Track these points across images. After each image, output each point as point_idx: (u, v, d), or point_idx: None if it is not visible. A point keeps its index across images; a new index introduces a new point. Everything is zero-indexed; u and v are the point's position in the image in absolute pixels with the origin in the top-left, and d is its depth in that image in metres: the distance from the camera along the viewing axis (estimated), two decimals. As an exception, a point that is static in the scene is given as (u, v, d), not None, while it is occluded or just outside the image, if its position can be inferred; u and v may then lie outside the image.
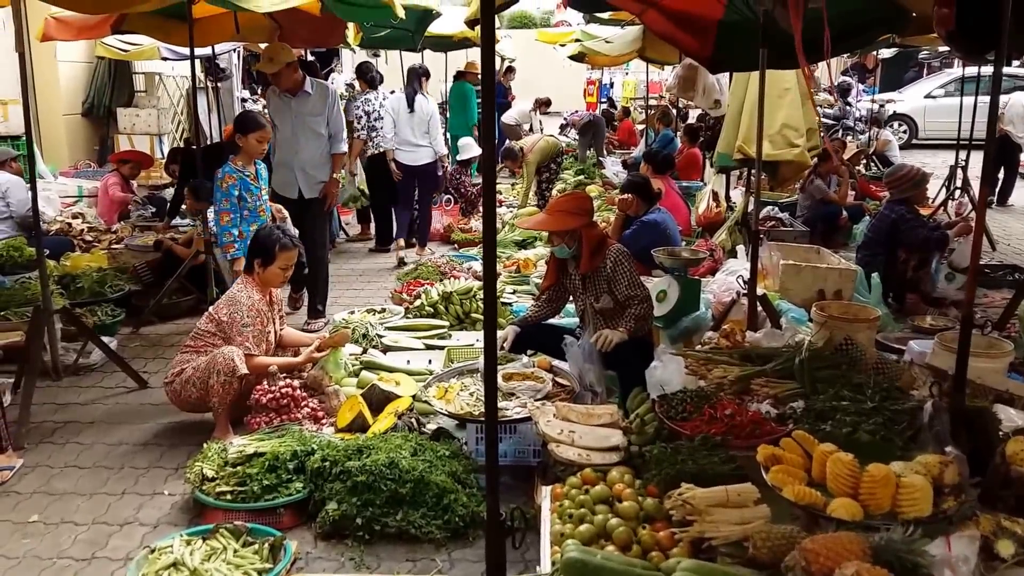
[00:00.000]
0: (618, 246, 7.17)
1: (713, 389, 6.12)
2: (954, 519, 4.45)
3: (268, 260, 7.23)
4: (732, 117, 11.71)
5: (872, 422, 5.30)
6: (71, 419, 7.41)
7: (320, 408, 6.98)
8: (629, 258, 7.11)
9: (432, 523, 5.54)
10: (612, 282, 7.03)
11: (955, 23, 5.76)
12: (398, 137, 13.56)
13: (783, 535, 4.18)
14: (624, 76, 37.93)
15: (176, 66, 18.08)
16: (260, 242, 7.32)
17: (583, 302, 7.35)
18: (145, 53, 15.57)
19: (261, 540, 5.20)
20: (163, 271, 10.59)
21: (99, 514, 5.91)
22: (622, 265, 7.00)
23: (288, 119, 10.06)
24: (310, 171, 10.08)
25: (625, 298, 6.97)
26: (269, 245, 7.25)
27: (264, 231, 7.49)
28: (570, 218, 7.08)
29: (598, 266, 7.09)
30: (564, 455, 5.58)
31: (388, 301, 10.56)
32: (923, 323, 9.00)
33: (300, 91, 9.98)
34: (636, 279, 7.05)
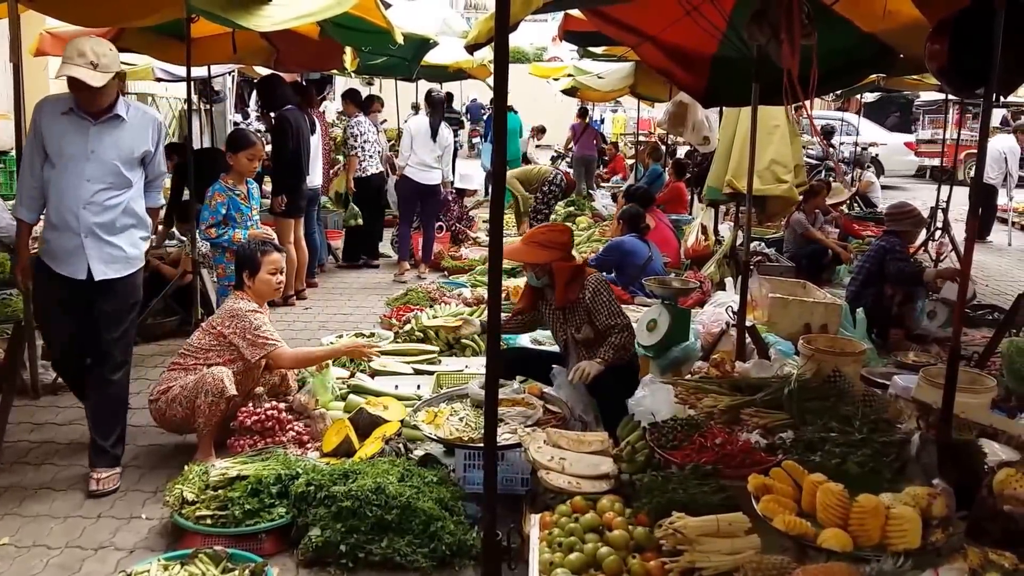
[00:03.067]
0: (596, 275, 7.12)
1: (703, 418, 6.09)
2: (943, 552, 4.42)
3: (254, 269, 7.17)
4: (722, 152, 11.79)
5: (861, 453, 5.30)
6: (47, 439, 7.30)
7: (306, 432, 6.90)
8: (607, 287, 7.08)
9: (419, 551, 5.44)
10: (592, 312, 7.00)
11: (947, 59, 5.78)
12: (415, 156, 13.96)
13: (774, 566, 4.14)
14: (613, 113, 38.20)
15: (169, 87, 18.05)
16: (241, 256, 7.32)
17: (564, 332, 7.32)
18: (139, 73, 15.52)
19: (241, 566, 5.10)
20: (148, 291, 10.44)
21: (73, 538, 5.79)
22: (601, 295, 6.98)
23: (80, 153, 6.32)
24: (106, 236, 6.42)
25: (605, 327, 6.92)
26: (251, 255, 7.23)
27: (241, 247, 7.55)
28: (542, 251, 7.12)
29: (575, 298, 7.07)
30: (554, 483, 5.51)
31: (377, 326, 10.49)
32: (906, 359, 9.04)
33: (108, 115, 6.40)
34: (615, 308, 7.00)
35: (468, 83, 27.24)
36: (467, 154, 35.26)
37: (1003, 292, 12.80)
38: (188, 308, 9.31)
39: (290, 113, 11.79)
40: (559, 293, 7.06)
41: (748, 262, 8.28)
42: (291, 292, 12.17)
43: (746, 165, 8.48)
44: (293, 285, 12.24)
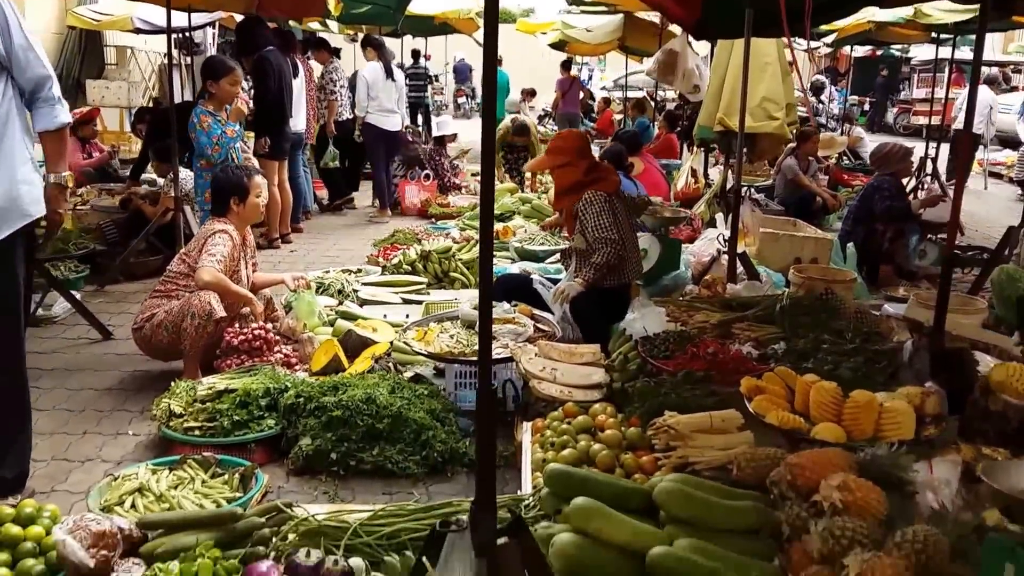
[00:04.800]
0: (593, 192, 7.00)
1: (695, 332, 6.05)
2: (936, 444, 4.41)
3: (244, 194, 7.08)
4: (713, 90, 11.71)
5: (853, 361, 5.27)
6: (32, 366, 6.99)
7: (294, 354, 6.85)
8: (602, 202, 6.94)
9: (410, 459, 5.44)
10: (582, 224, 6.94)
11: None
12: (376, 103, 14.02)
13: (767, 456, 4.12)
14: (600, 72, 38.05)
15: (148, 40, 17.90)
16: (229, 181, 7.17)
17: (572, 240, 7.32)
18: (117, 23, 15.43)
19: (231, 471, 5.07)
20: (130, 230, 10.40)
21: (60, 451, 5.77)
22: (590, 208, 6.89)
23: None
24: None
25: (593, 241, 6.85)
26: (238, 180, 7.13)
27: (224, 171, 7.43)
28: (552, 157, 7.20)
29: (569, 207, 7.05)
30: (546, 392, 5.50)
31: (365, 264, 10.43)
32: (896, 293, 9.01)
33: None
34: (604, 223, 6.86)
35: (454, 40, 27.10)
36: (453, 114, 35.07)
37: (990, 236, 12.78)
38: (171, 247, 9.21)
39: (270, 54, 11.62)
40: (556, 197, 7.22)
41: (739, 189, 8.24)
42: (276, 235, 12.11)
43: (737, 103, 8.46)
44: (278, 228, 12.18)
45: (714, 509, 3.78)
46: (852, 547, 3.23)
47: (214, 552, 3.93)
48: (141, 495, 4.75)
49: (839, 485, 3.53)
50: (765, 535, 3.76)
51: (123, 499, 4.70)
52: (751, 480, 4.07)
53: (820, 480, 3.64)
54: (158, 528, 4.23)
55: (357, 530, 4.15)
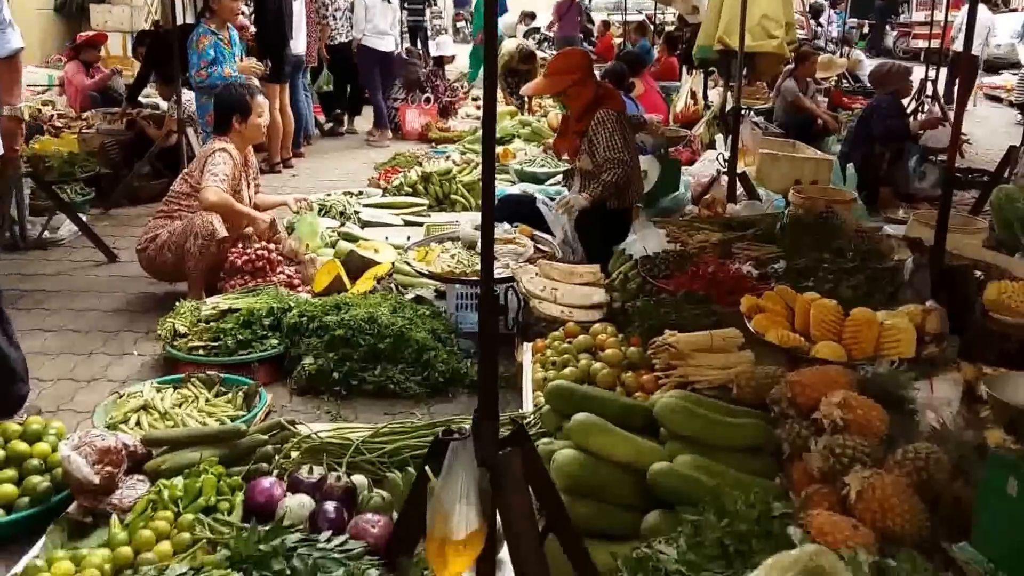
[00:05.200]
0: (606, 110, 6.93)
1: (695, 252, 6.05)
2: (937, 362, 4.43)
3: (246, 112, 7.02)
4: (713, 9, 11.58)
5: (854, 279, 5.27)
6: (37, 287, 7.29)
7: (296, 276, 6.84)
8: (615, 122, 6.86)
9: (411, 379, 5.47)
10: (592, 144, 6.88)
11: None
12: (371, 25, 13.96)
13: (767, 375, 4.13)
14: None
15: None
16: (232, 99, 7.09)
17: (575, 165, 7.28)
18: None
19: (234, 390, 5.12)
20: (134, 153, 10.38)
21: (66, 371, 5.82)
22: (604, 127, 6.81)
23: None
24: None
25: (603, 160, 6.81)
26: (241, 97, 7.06)
27: (227, 89, 7.32)
28: (558, 79, 7.03)
29: (588, 126, 6.94)
30: (546, 311, 5.52)
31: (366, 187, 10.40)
32: (895, 215, 9.02)
33: None
34: (616, 144, 6.79)
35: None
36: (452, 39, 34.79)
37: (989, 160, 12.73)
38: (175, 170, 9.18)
39: (270, -25, 11.49)
40: (574, 119, 7.05)
41: (739, 108, 8.20)
42: (277, 160, 12.07)
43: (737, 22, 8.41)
44: (279, 152, 12.13)
45: (715, 426, 3.81)
46: (853, 465, 3.24)
47: (218, 468, 3.98)
48: (146, 413, 4.80)
49: (840, 403, 3.54)
50: (766, 453, 3.79)
51: (128, 417, 4.75)
52: (751, 399, 4.09)
53: (821, 398, 3.65)
54: (162, 445, 4.27)
55: (359, 447, 4.18)
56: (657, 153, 8.10)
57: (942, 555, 2.91)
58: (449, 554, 2.70)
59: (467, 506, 2.72)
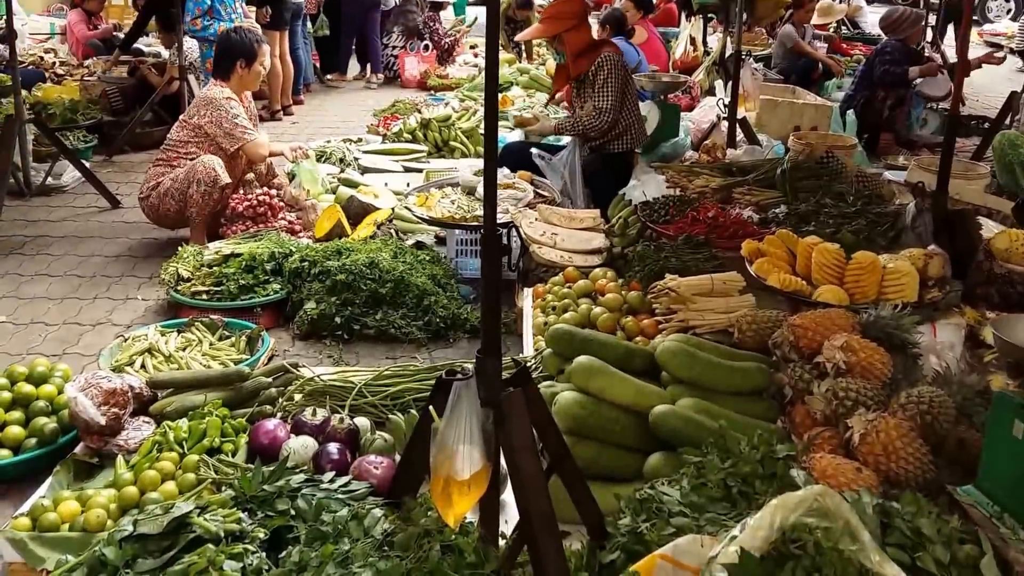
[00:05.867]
0: (610, 54, 6.92)
1: (695, 197, 6.05)
2: (940, 306, 4.43)
3: (251, 58, 7.04)
4: (713, -47, 11.55)
5: (855, 223, 5.27)
6: (41, 234, 7.31)
7: (298, 222, 6.85)
8: (616, 68, 6.84)
9: (412, 324, 5.50)
10: (592, 87, 6.87)
11: None
12: None
13: (769, 319, 4.13)
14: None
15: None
16: (239, 42, 7.09)
17: (574, 110, 7.26)
18: None
19: (238, 334, 5.14)
20: (136, 100, 10.37)
21: (70, 316, 5.86)
22: (602, 70, 6.80)
23: None
24: None
25: (594, 104, 6.80)
26: (248, 44, 7.07)
27: (236, 32, 7.28)
28: (553, 24, 7.00)
29: (587, 71, 6.92)
30: (546, 256, 5.52)
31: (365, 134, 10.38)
32: (895, 162, 8.99)
33: None
34: (610, 91, 6.80)
35: None
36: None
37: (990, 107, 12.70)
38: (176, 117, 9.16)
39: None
40: (569, 63, 6.98)
41: (740, 52, 8.18)
42: (278, 107, 12.02)
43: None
44: (279, 100, 12.08)
45: (717, 370, 3.82)
46: (856, 408, 3.27)
47: (222, 411, 4.01)
48: (150, 356, 4.84)
49: (842, 346, 3.55)
50: (767, 397, 3.81)
51: (133, 360, 4.79)
52: (752, 343, 4.10)
53: (823, 341, 3.67)
54: (167, 387, 4.30)
55: (362, 390, 4.22)
56: (656, 98, 8.06)
57: (947, 497, 2.93)
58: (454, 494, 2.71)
59: (471, 446, 2.73)
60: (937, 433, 3.17)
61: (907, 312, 3.90)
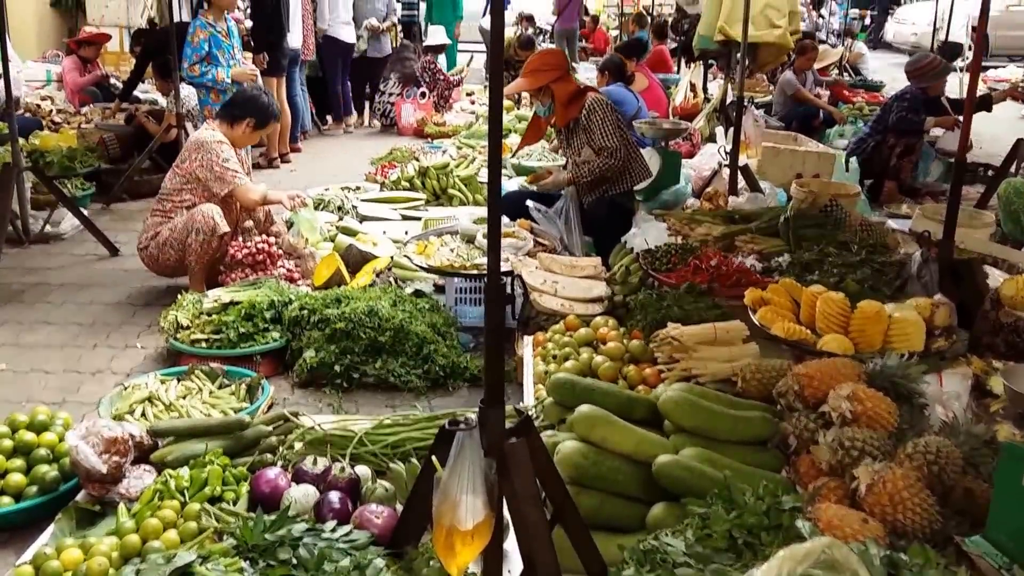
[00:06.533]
0: (596, 95, 7.01)
1: (697, 244, 6.04)
2: (946, 356, 4.41)
3: (264, 124, 7.11)
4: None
5: (860, 272, 5.25)
6: (40, 281, 7.29)
7: (296, 270, 6.84)
8: (607, 108, 6.91)
9: (412, 372, 5.47)
10: (588, 132, 6.89)
11: None
12: (335, 15, 14.01)
13: (773, 368, 4.11)
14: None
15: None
16: (260, 105, 7.08)
17: (568, 159, 7.28)
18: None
19: (237, 382, 5.12)
20: (133, 146, 10.41)
21: (70, 364, 5.82)
22: (596, 113, 6.85)
23: None
24: None
25: (599, 149, 6.83)
26: (267, 112, 7.10)
27: (265, 95, 7.27)
28: (539, 75, 7.00)
29: (576, 117, 6.95)
30: (547, 305, 5.51)
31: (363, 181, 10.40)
32: (898, 210, 8.98)
33: None
34: (609, 129, 6.84)
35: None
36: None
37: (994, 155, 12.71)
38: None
39: (266, -36, 11.40)
40: (559, 113, 7.00)
41: (742, 98, 8.20)
42: (275, 155, 12.04)
43: (738, 11, 8.41)
44: (277, 148, 12.11)
45: (720, 419, 3.79)
46: (862, 458, 3.24)
47: (223, 459, 3.99)
48: (151, 404, 4.81)
49: (848, 395, 3.53)
50: (772, 446, 3.79)
51: (133, 408, 4.76)
52: (756, 393, 4.08)
53: (828, 391, 3.65)
54: (168, 436, 4.27)
55: (363, 439, 4.20)
56: (657, 145, 8.08)
57: (954, 549, 2.90)
58: (457, 544, 2.70)
59: (474, 496, 2.72)
60: (944, 483, 3.15)
61: (913, 362, 3.87)
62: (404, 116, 14.76)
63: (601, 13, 29.66)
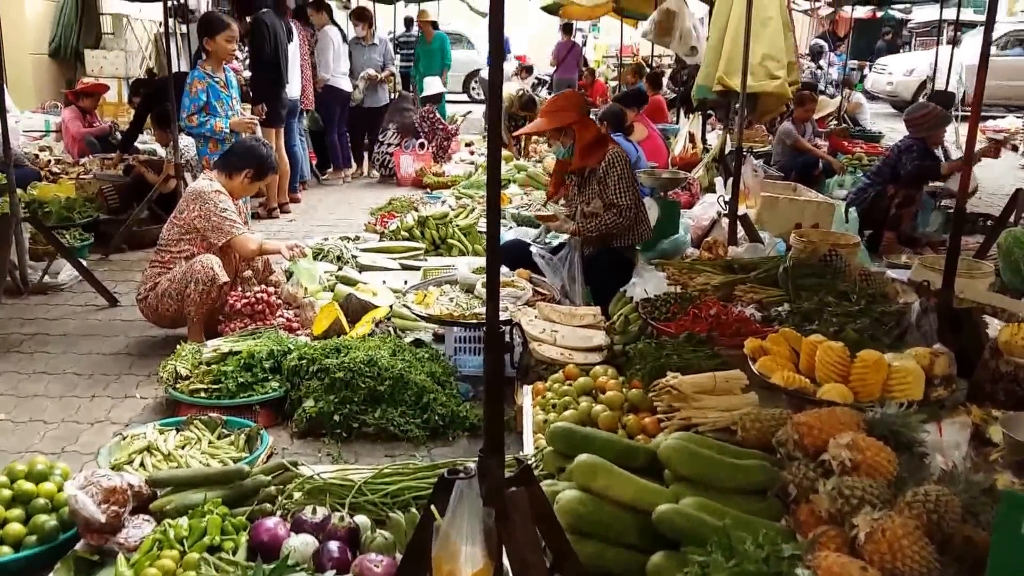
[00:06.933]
0: (619, 149, 7.01)
1: (696, 293, 6.06)
2: (946, 404, 4.42)
3: (263, 175, 7.17)
4: (712, 48, 11.59)
5: (859, 322, 5.26)
6: (39, 332, 7.29)
7: (295, 319, 6.84)
8: (625, 163, 6.94)
9: (411, 422, 5.45)
10: (603, 184, 6.91)
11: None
12: (337, 66, 14.23)
13: (772, 417, 4.12)
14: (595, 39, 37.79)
15: (144, 8, 17.80)
16: (260, 156, 7.14)
17: (575, 205, 7.29)
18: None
19: (237, 432, 5.11)
20: (132, 197, 10.44)
21: (69, 414, 5.81)
22: (615, 168, 6.86)
23: None
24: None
25: (609, 203, 6.85)
26: (267, 164, 7.17)
27: (264, 147, 7.31)
28: (559, 115, 7.02)
29: (593, 166, 6.97)
30: (546, 354, 5.51)
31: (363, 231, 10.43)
32: (898, 260, 8.99)
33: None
34: (625, 185, 6.87)
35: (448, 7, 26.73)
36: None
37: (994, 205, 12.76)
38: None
39: (266, 16, 11.48)
40: (577, 156, 7.00)
41: (741, 148, 8.23)
42: (274, 205, 12.07)
43: (737, 61, 8.44)
44: (276, 198, 12.15)
45: (720, 467, 3.79)
46: (862, 507, 3.23)
47: (222, 509, 3.98)
48: (149, 454, 4.79)
49: (848, 444, 3.53)
50: (772, 495, 3.78)
51: (132, 458, 4.74)
52: (755, 442, 4.08)
53: (828, 439, 3.65)
54: (167, 485, 4.26)
55: (362, 488, 4.19)
56: (656, 195, 8.12)
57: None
58: (457, 593, 2.70)
59: (473, 545, 2.72)
60: (944, 532, 3.14)
61: (913, 411, 3.88)
62: (403, 166, 14.82)
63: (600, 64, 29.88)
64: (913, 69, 27.17)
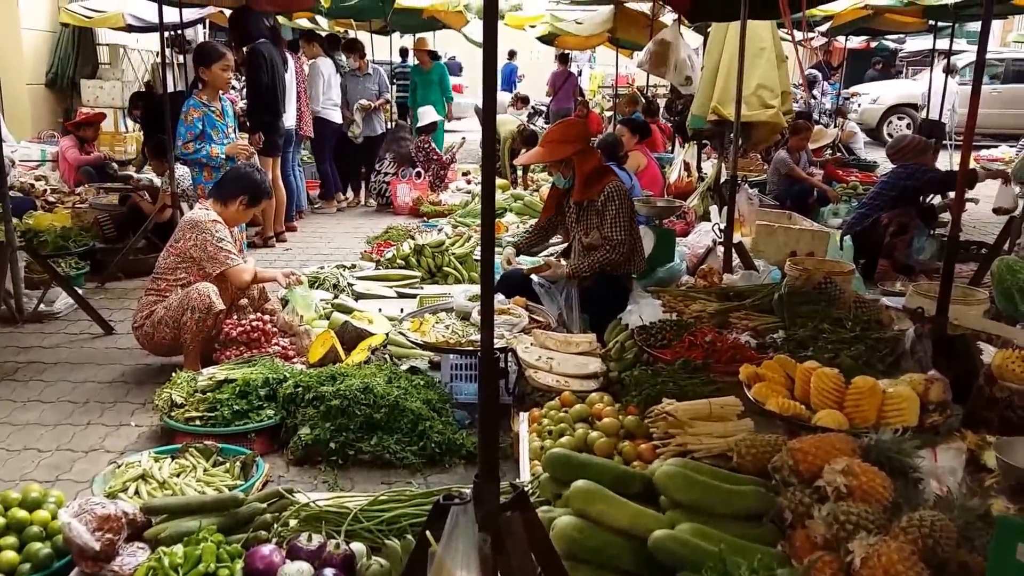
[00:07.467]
0: (618, 183, 7.02)
1: (692, 321, 6.07)
2: (941, 430, 4.42)
3: (256, 201, 7.18)
4: (707, 78, 11.65)
5: (854, 349, 5.27)
6: (34, 360, 7.29)
7: (291, 347, 6.83)
8: (625, 197, 6.95)
9: (407, 449, 5.44)
10: (601, 217, 6.92)
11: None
12: (326, 97, 14.34)
13: (768, 443, 4.12)
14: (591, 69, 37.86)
15: (141, 39, 17.88)
16: (254, 182, 7.17)
17: (574, 234, 7.29)
18: (109, 20, 15.49)
19: (232, 459, 5.10)
20: (128, 226, 10.46)
21: (63, 442, 5.80)
22: (612, 202, 6.87)
23: None
24: None
25: (605, 238, 6.86)
26: (261, 190, 7.19)
27: (258, 173, 7.36)
28: (562, 147, 7.00)
29: (593, 197, 6.97)
30: (542, 381, 5.52)
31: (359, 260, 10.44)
32: (892, 288, 9.00)
33: None
34: (623, 222, 6.88)
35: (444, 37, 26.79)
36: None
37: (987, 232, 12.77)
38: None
39: (263, 47, 11.50)
40: (578, 187, 7.00)
41: (735, 176, 8.26)
42: (271, 234, 12.08)
43: (731, 91, 8.49)
44: (272, 227, 12.16)
45: (716, 493, 3.79)
46: (857, 532, 3.23)
47: (217, 536, 3.96)
48: (144, 482, 4.79)
49: (843, 470, 3.53)
50: (767, 521, 3.78)
51: (127, 486, 4.74)
52: (751, 468, 4.08)
53: (823, 465, 3.65)
54: (162, 513, 4.25)
55: (358, 515, 4.18)
56: (651, 223, 8.13)
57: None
58: (452, 619, 2.69)
59: (468, 571, 2.71)
60: (939, 557, 3.14)
61: (908, 436, 3.88)
62: (400, 195, 14.85)
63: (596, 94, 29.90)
64: (877, 97, 28.24)
